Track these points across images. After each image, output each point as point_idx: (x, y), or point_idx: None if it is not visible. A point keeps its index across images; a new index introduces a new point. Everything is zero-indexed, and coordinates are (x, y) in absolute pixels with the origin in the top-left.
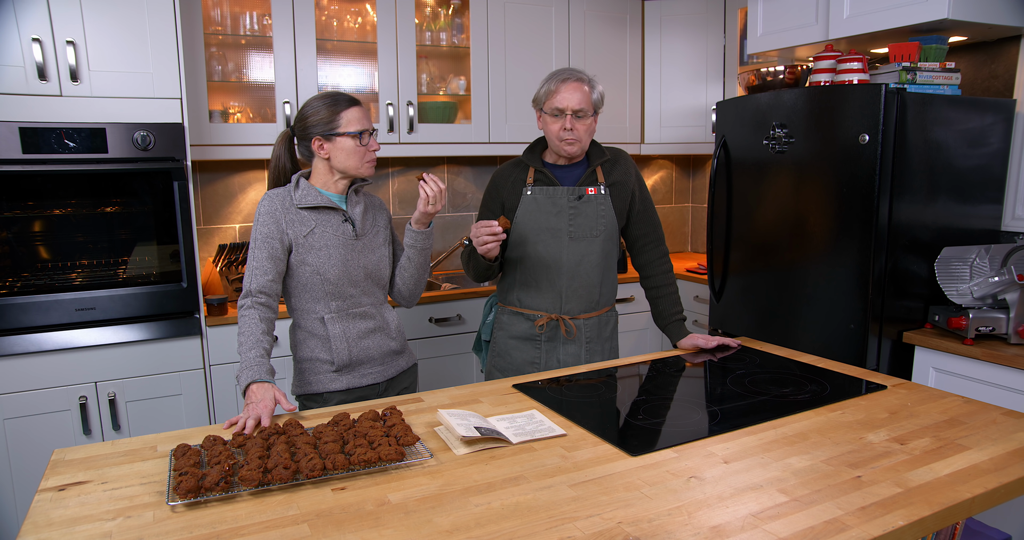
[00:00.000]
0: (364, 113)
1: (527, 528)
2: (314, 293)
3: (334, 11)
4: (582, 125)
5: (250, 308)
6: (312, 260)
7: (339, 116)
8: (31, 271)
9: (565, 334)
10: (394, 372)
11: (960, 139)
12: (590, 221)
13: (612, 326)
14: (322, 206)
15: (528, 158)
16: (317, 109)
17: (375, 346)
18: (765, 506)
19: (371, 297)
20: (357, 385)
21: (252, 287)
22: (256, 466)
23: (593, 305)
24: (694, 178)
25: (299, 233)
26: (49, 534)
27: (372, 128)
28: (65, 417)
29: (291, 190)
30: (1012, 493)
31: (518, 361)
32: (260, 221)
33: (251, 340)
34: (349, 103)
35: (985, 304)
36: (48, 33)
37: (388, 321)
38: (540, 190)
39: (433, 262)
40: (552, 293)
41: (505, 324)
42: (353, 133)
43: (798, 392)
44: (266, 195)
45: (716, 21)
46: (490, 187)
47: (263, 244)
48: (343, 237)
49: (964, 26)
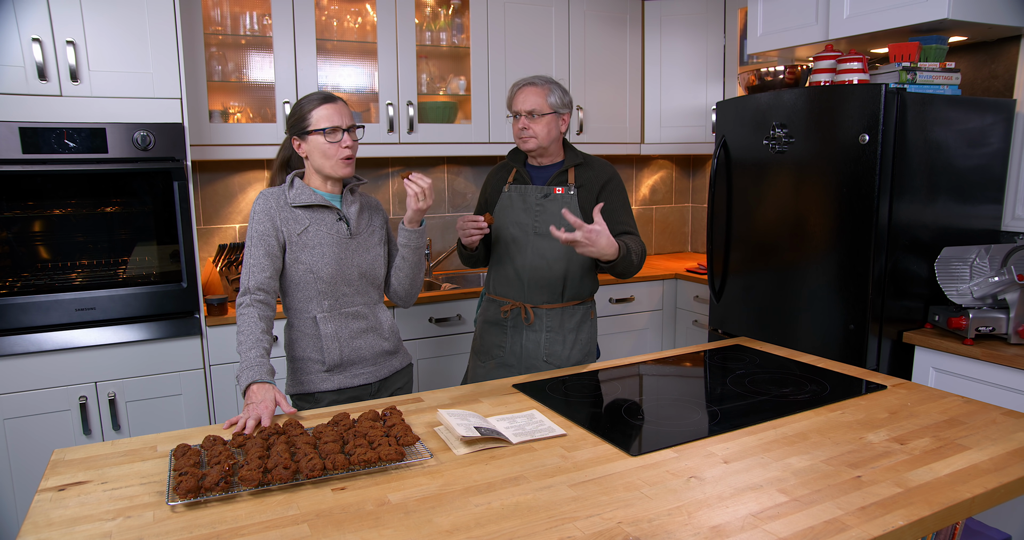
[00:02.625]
0: (337, 110)
1: (527, 528)
2: (307, 292)
3: (334, 11)
4: (537, 124)
5: (249, 306)
6: (306, 258)
7: (310, 114)
8: (31, 271)
9: (524, 321)
10: (387, 373)
11: (960, 139)
12: (554, 218)
13: (579, 319)
14: (316, 205)
15: (512, 159)
16: (294, 109)
17: (367, 346)
18: (765, 506)
19: (365, 297)
20: (348, 385)
21: (250, 284)
22: (256, 466)
23: (556, 297)
24: (694, 178)
25: (293, 231)
26: (49, 534)
27: (350, 125)
28: (65, 417)
29: (286, 189)
30: (1012, 493)
31: (487, 343)
32: (255, 219)
33: (251, 339)
34: (321, 101)
35: (985, 304)
36: (48, 33)
37: (381, 321)
38: (516, 188)
39: (434, 262)
40: (517, 282)
41: (485, 309)
42: (321, 130)
43: (798, 392)
44: (261, 194)
45: (716, 21)
46: (483, 186)
47: (259, 241)
48: (337, 236)
49: (964, 26)
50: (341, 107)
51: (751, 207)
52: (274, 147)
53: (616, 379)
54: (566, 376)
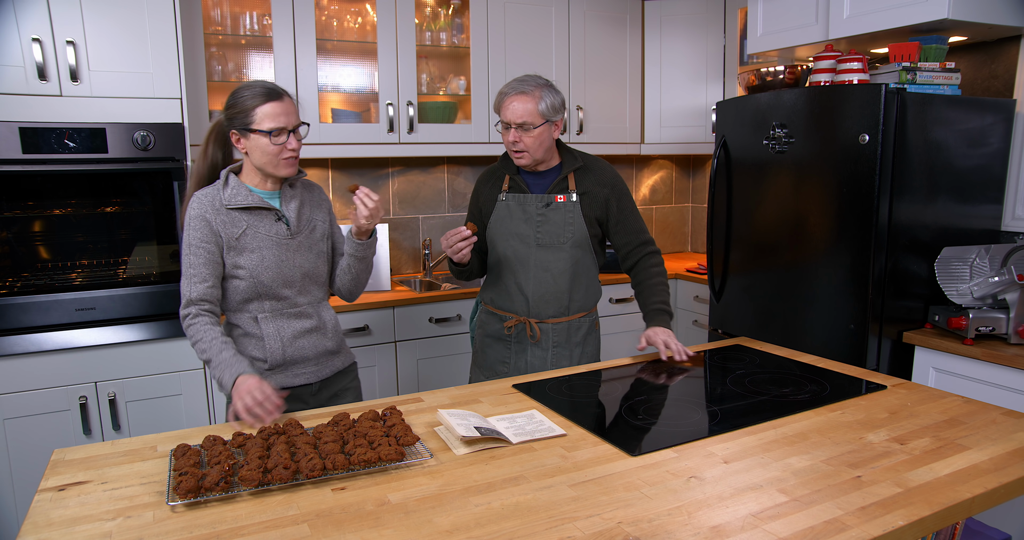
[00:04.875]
0: (285, 108)
1: (527, 528)
2: (247, 294)
3: (334, 11)
4: (528, 137)
5: (197, 317)
6: (245, 262)
7: (254, 111)
8: (31, 271)
9: (530, 337)
10: (329, 372)
11: (960, 139)
12: (557, 228)
13: (585, 332)
14: (253, 206)
15: (503, 166)
16: (237, 101)
17: (310, 346)
18: (765, 506)
19: (308, 296)
20: (289, 384)
21: (192, 296)
22: (256, 466)
23: (563, 310)
24: (694, 178)
25: (231, 235)
26: (49, 534)
27: (296, 124)
28: (65, 417)
29: (220, 188)
30: (1012, 493)
31: (491, 359)
32: (191, 225)
33: (216, 344)
34: (268, 97)
35: (985, 304)
36: (48, 33)
37: (325, 321)
38: (512, 197)
39: (433, 262)
40: (521, 297)
41: (484, 322)
42: (266, 131)
43: (798, 392)
44: (195, 196)
45: (716, 21)
46: (473, 192)
47: (198, 249)
48: (277, 237)
49: (964, 26)
50: (287, 104)
51: (751, 207)
52: None
53: (616, 379)
54: (566, 376)
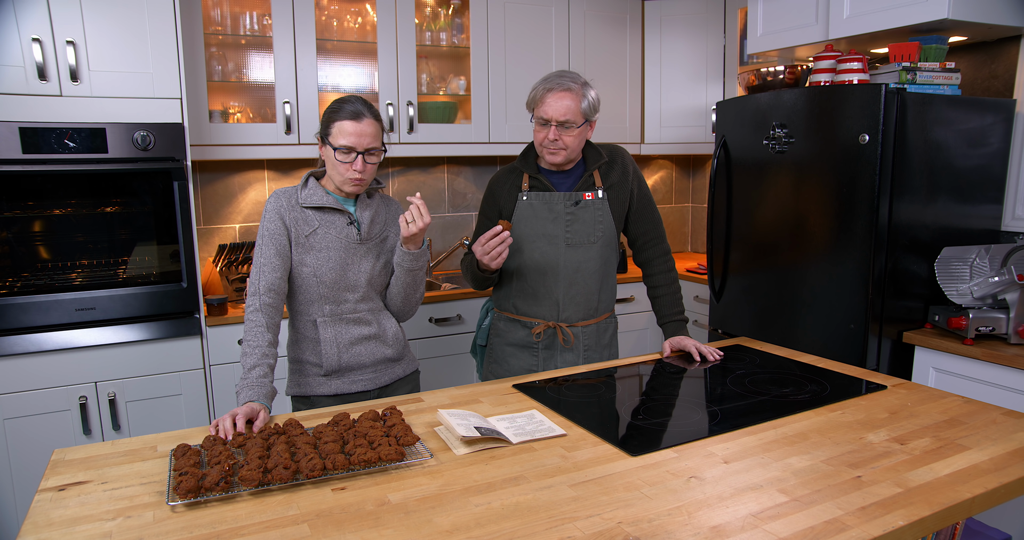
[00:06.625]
0: (359, 130)
1: (527, 528)
2: (309, 295)
3: (334, 11)
4: (569, 135)
5: (257, 311)
6: (310, 261)
7: (333, 124)
8: (31, 271)
9: (563, 342)
10: (388, 380)
11: (960, 139)
12: (587, 227)
13: (611, 332)
14: (327, 207)
15: (522, 164)
16: (328, 109)
17: (367, 353)
18: (765, 506)
19: (370, 303)
20: (347, 391)
21: (260, 285)
22: (256, 466)
23: (592, 312)
24: (694, 178)
25: (301, 232)
26: (49, 534)
27: (368, 148)
28: (65, 417)
29: (299, 188)
30: (1012, 493)
31: (515, 368)
32: (267, 217)
33: (257, 353)
34: (351, 115)
35: (985, 304)
36: (48, 33)
37: (386, 328)
38: (536, 195)
39: (433, 262)
40: (549, 301)
41: (502, 331)
42: (337, 147)
43: (798, 392)
44: (274, 192)
45: (716, 21)
46: (487, 194)
47: (270, 240)
48: (345, 240)
49: (964, 26)
50: (365, 126)
51: (751, 207)
52: (274, 147)
53: (616, 379)
54: (566, 376)
